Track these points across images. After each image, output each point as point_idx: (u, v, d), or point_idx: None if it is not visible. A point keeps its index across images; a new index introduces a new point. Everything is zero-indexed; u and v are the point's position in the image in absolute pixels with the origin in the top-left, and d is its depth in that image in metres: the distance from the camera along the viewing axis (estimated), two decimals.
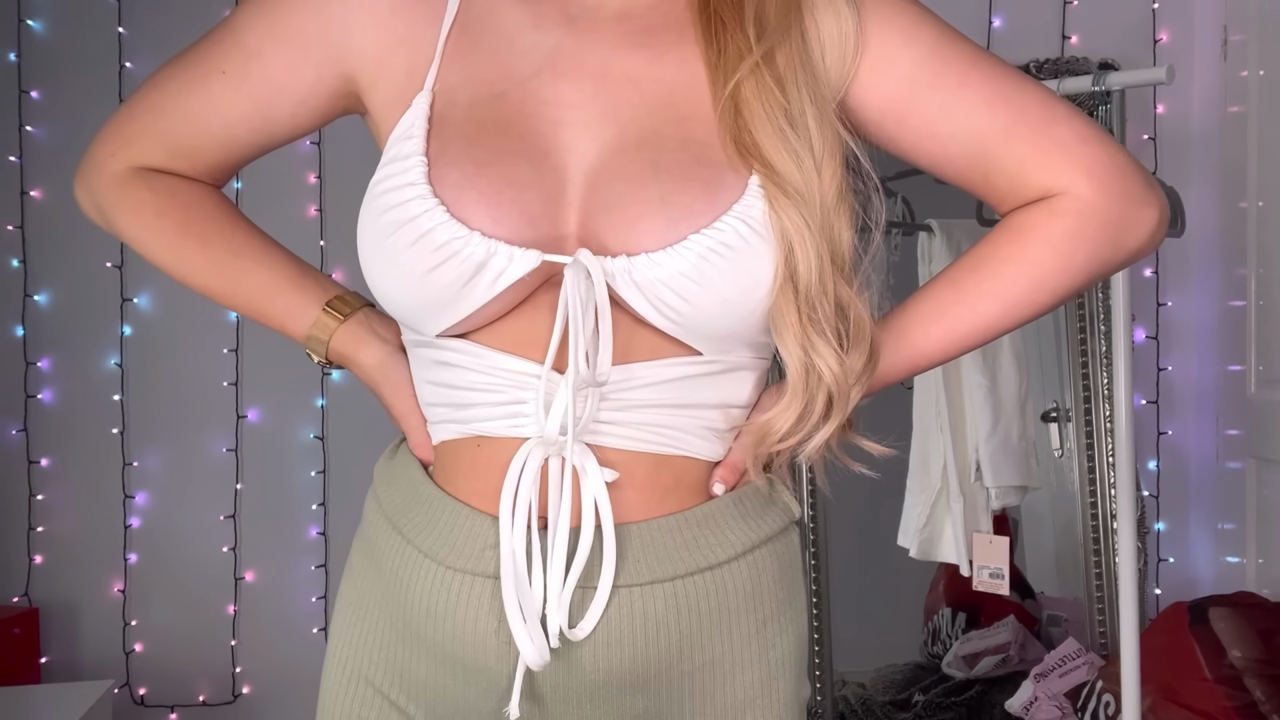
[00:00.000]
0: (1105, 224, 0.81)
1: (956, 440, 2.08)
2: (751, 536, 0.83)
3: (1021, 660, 2.60)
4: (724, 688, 0.82)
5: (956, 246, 2.08)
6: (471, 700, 0.80)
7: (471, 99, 0.80)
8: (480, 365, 0.78)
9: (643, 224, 0.76)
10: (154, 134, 0.88)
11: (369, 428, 2.62)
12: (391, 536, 0.83)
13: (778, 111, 0.76)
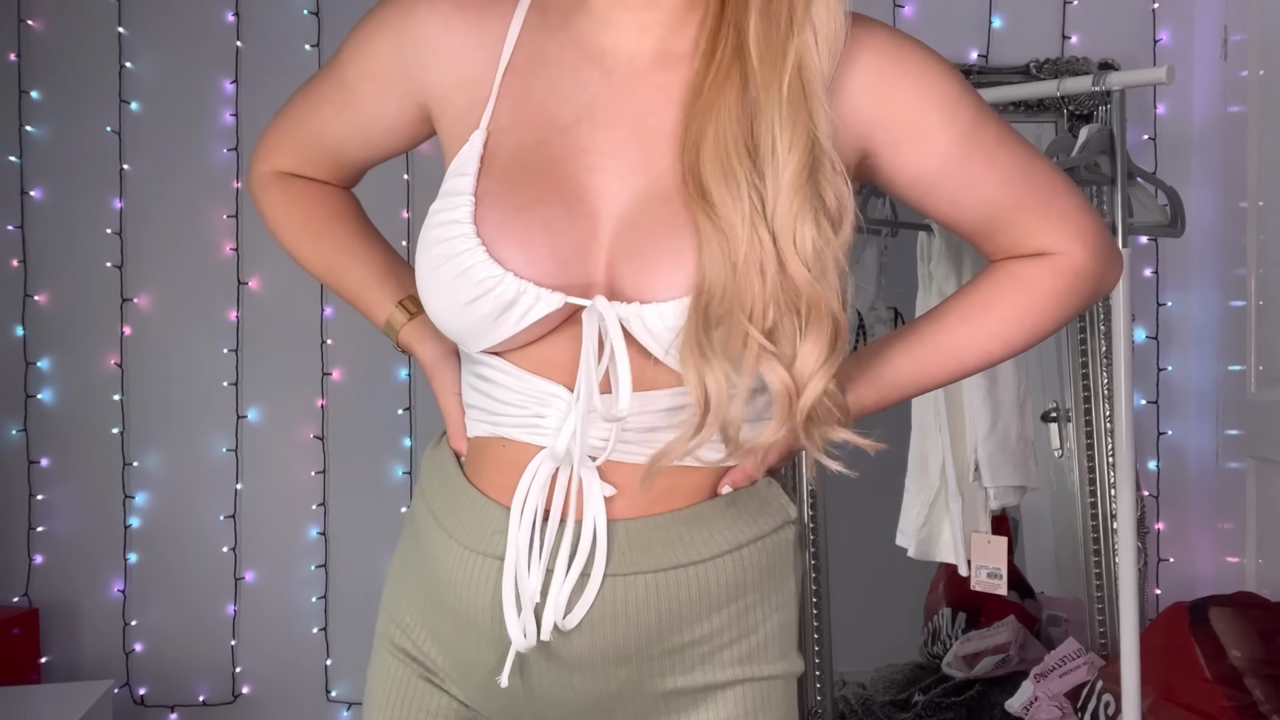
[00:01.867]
0: (1092, 279, 0.95)
1: (955, 440, 2.08)
2: (740, 536, 0.92)
3: (1021, 660, 2.60)
4: (705, 665, 0.92)
5: (956, 247, 2.08)
6: (482, 658, 0.92)
7: (518, 142, 0.90)
8: (510, 382, 0.90)
9: (658, 275, 0.85)
10: (287, 147, 1.06)
11: (369, 428, 2.62)
12: (429, 518, 0.96)
13: (730, 133, 0.84)
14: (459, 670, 0.96)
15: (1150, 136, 2.67)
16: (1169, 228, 1.96)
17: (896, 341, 0.97)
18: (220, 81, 2.58)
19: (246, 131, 2.57)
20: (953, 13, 2.65)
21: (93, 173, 2.57)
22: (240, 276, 2.58)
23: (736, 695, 0.92)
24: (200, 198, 2.58)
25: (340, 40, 1.00)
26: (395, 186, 2.59)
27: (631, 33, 0.90)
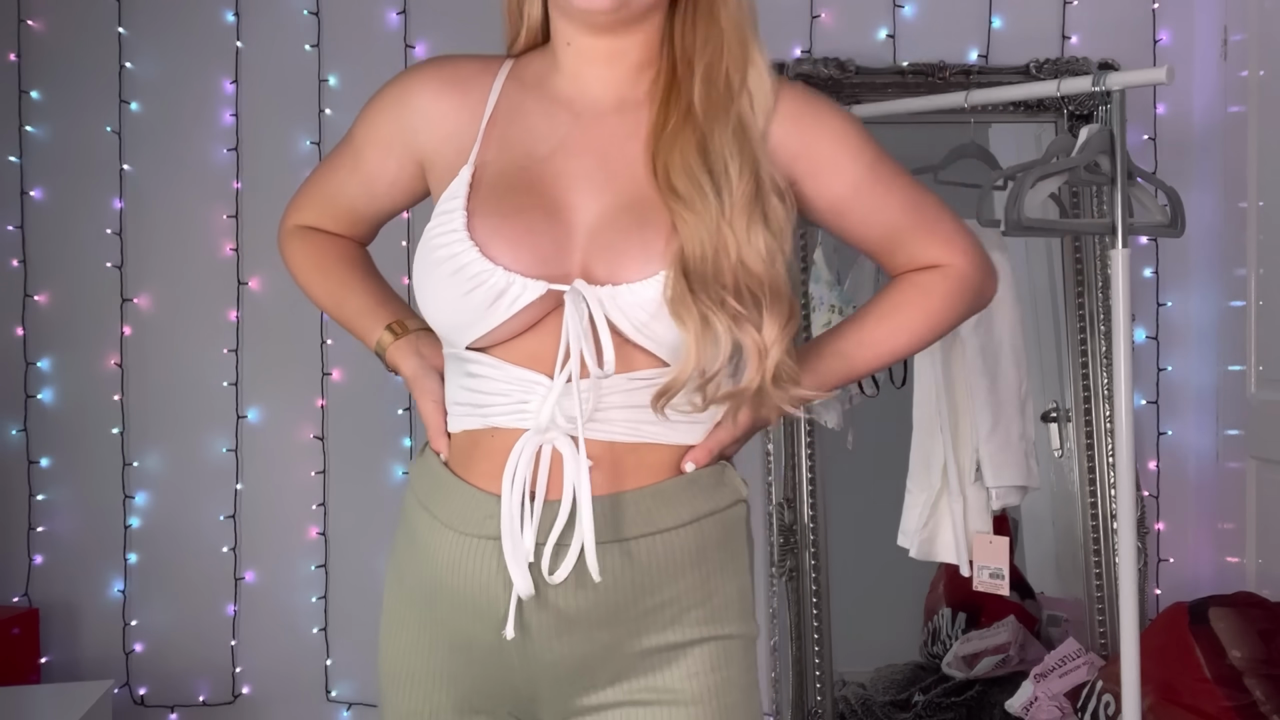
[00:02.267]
0: (974, 286, 1.18)
1: (956, 440, 2.08)
2: (700, 509, 1.07)
3: (1021, 660, 2.60)
4: (674, 626, 1.05)
5: None
6: (479, 633, 1.05)
7: (501, 169, 1.08)
8: (498, 374, 1.04)
9: (627, 262, 1.02)
10: (309, 206, 1.30)
11: (369, 428, 2.62)
12: (422, 514, 1.12)
13: (692, 156, 1.04)
14: (456, 652, 1.08)
15: (1150, 136, 2.67)
16: (1169, 228, 1.96)
17: (828, 339, 1.18)
18: (220, 81, 2.58)
19: (246, 131, 2.57)
20: (953, 13, 2.65)
21: (93, 173, 2.57)
22: (240, 276, 2.58)
23: (702, 652, 1.06)
24: (200, 198, 2.58)
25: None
26: None
27: (596, 85, 1.11)
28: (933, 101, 2.16)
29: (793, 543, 2.55)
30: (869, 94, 2.58)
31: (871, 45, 2.63)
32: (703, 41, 1.11)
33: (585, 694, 1.06)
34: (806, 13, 2.63)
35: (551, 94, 1.12)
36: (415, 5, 2.59)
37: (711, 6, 1.12)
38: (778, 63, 2.57)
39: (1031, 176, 1.84)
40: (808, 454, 2.55)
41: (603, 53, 1.10)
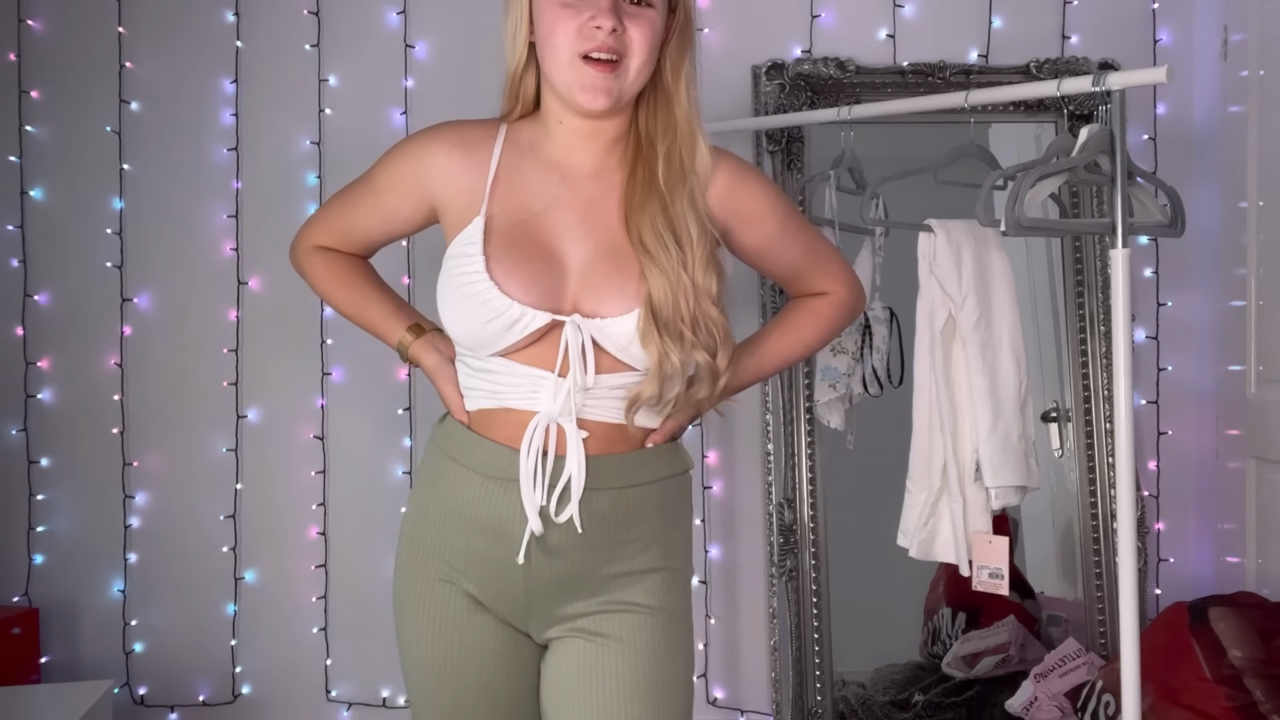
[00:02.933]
0: (849, 308, 1.62)
1: (957, 440, 2.07)
2: (662, 473, 1.45)
3: (1021, 660, 2.60)
4: (638, 557, 1.42)
5: (956, 245, 2.08)
6: (493, 552, 1.40)
7: (507, 222, 1.41)
8: (511, 372, 1.40)
9: (608, 301, 1.38)
10: (326, 232, 1.60)
11: (369, 428, 2.62)
12: (449, 463, 1.45)
13: (659, 222, 1.39)
14: (472, 566, 1.42)
15: (1150, 136, 2.67)
16: (1169, 228, 1.95)
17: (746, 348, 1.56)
18: (220, 81, 2.58)
19: (246, 131, 2.57)
20: (953, 13, 2.65)
21: (93, 173, 2.57)
22: (240, 276, 2.58)
23: (657, 578, 1.44)
24: (200, 198, 2.58)
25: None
26: None
27: (580, 155, 1.45)
28: (933, 101, 2.16)
29: (793, 543, 2.55)
30: (869, 94, 2.58)
31: (871, 45, 2.63)
32: (663, 128, 1.43)
33: (567, 604, 1.41)
34: (806, 13, 2.63)
35: (544, 159, 1.45)
36: (415, 5, 2.59)
37: (670, 102, 1.44)
38: (778, 62, 2.58)
39: (1031, 176, 1.84)
40: (808, 454, 2.55)
41: (588, 131, 1.43)
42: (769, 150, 2.59)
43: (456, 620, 1.43)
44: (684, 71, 1.44)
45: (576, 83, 1.36)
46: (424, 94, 2.59)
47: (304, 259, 1.62)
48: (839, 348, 2.32)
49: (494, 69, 2.60)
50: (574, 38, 1.34)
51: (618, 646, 1.39)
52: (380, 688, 2.62)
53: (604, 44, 1.33)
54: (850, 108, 2.22)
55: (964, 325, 2.05)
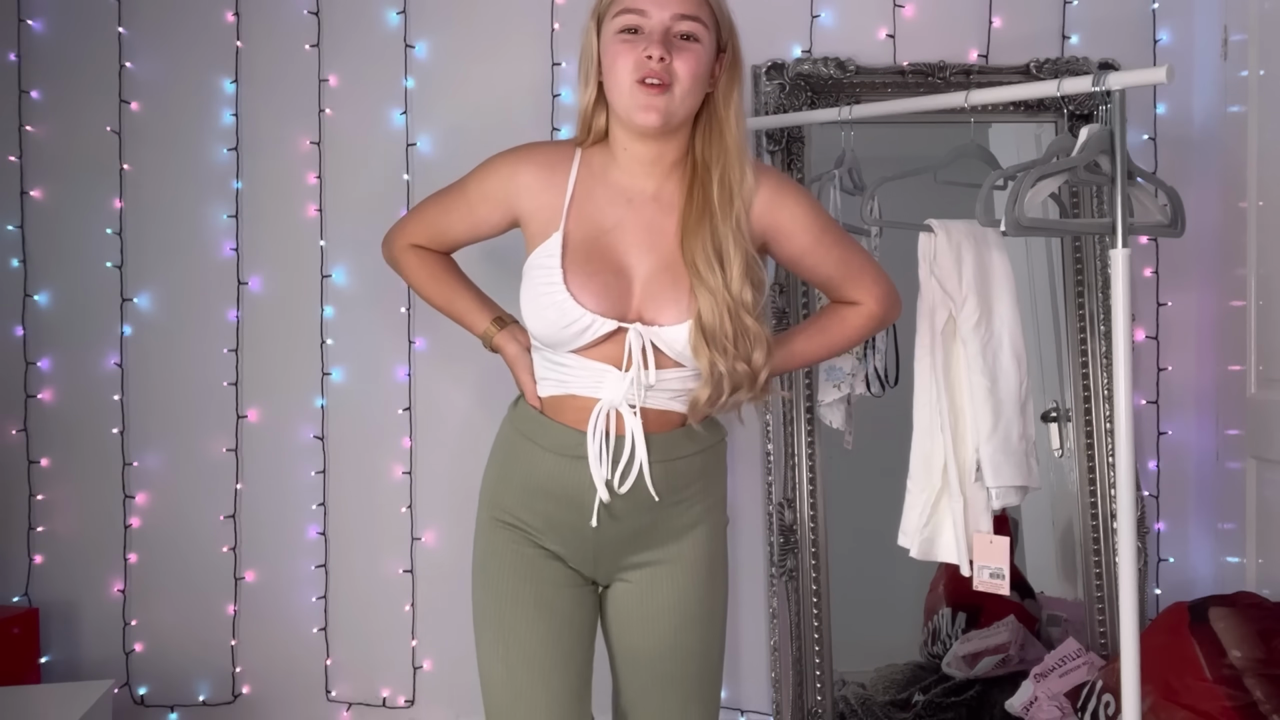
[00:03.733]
0: (879, 318, 1.84)
1: (956, 440, 2.07)
2: (704, 444, 1.73)
3: (1021, 660, 2.60)
4: (687, 512, 1.73)
5: (956, 245, 2.08)
6: (566, 517, 1.69)
7: (581, 239, 1.67)
8: (580, 366, 1.67)
9: (665, 311, 1.65)
10: (421, 232, 1.89)
11: (369, 428, 2.62)
12: (524, 442, 1.73)
13: (709, 245, 1.64)
14: (550, 529, 1.71)
15: (1150, 136, 2.67)
16: (1169, 228, 1.96)
17: (783, 341, 1.80)
18: (220, 81, 2.58)
19: (246, 131, 2.57)
20: (953, 13, 2.65)
21: (93, 173, 2.57)
22: (240, 276, 2.58)
23: (701, 530, 1.75)
24: (200, 198, 2.58)
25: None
26: (396, 187, 2.59)
27: (643, 179, 1.70)
28: (933, 101, 2.16)
29: (793, 543, 2.55)
30: (869, 94, 2.58)
31: (871, 45, 2.63)
32: (716, 154, 1.67)
33: (629, 555, 1.72)
34: (806, 13, 2.63)
35: (612, 183, 1.70)
36: (415, 5, 2.59)
37: (723, 130, 1.67)
38: (778, 63, 2.57)
39: (1031, 176, 1.84)
40: (808, 454, 2.55)
41: (649, 157, 1.68)
42: (769, 150, 2.59)
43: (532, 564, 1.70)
44: (734, 102, 1.67)
45: (634, 104, 1.61)
46: (424, 94, 2.59)
47: (400, 255, 1.90)
48: None
49: (494, 69, 2.61)
50: (631, 67, 1.60)
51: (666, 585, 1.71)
52: (380, 688, 2.62)
53: (653, 70, 1.59)
54: (851, 108, 2.23)
55: (964, 325, 2.05)
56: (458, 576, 2.55)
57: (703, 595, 1.74)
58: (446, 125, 2.60)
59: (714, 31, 1.65)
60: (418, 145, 2.60)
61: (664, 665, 1.74)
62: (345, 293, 2.60)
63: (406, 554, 2.61)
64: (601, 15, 1.66)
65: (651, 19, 1.60)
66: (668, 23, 1.60)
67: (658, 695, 1.75)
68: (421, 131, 2.60)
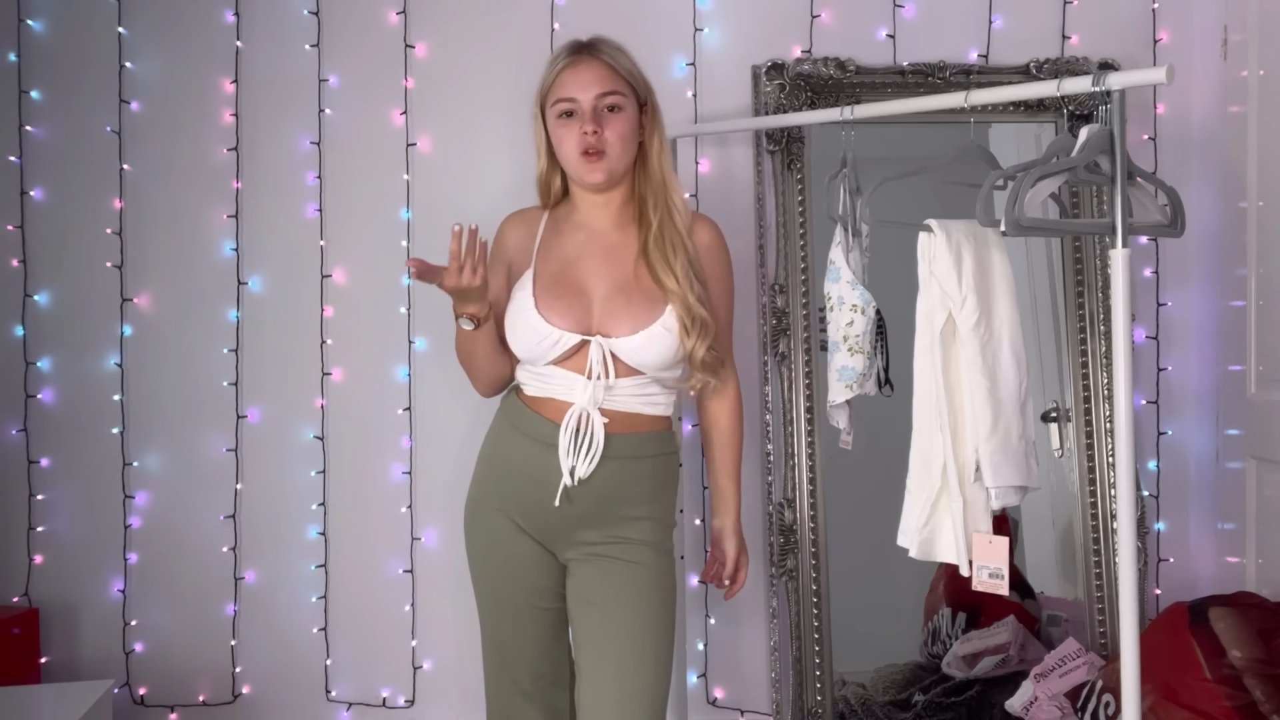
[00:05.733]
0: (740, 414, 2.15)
1: (956, 440, 2.07)
2: (658, 450, 1.99)
3: (1021, 660, 2.60)
4: (637, 507, 1.96)
5: (956, 246, 2.08)
6: (536, 496, 1.93)
7: (549, 270, 1.97)
8: (555, 375, 1.94)
9: (621, 326, 1.92)
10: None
11: (369, 428, 2.62)
12: (510, 429, 1.99)
13: (668, 266, 1.95)
14: (519, 505, 1.96)
15: (1150, 136, 2.67)
16: (1169, 228, 1.95)
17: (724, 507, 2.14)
18: (220, 81, 2.58)
19: (246, 131, 2.57)
20: (953, 13, 2.65)
21: (93, 173, 2.57)
22: (240, 276, 2.58)
23: (650, 523, 1.97)
24: (200, 198, 2.58)
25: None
26: (396, 187, 2.59)
27: (598, 218, 2.01)
28: (933, 101, 2.16)
29: (793, 543, 2.55)
30: (869, 94, 2.58)
31: (871, 45, 2.63)
32: (651, 187, 2.00)
33: (584, 533, 1.94)
34: (806, 13, 2.63)
35: (574, 225, 2.02)
36: (415, 5, 2.59)
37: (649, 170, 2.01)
38: (778, 63, 2.58)
39: (1031, 176, 1.84)
40: (808, 454, 2.55)
41: (601, 202, 2.01)
42: (769, 150, 2.58)
43: (507, 539, 1.97)
44: (656, 144, 2.00)
45: (581, 170, 1.96)
46: (424, 94, 2.59)
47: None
48: (857, 347, 2.31)
49: (493, 69, 2.61)
50: (574, 144, 1.94)
51: (619, 565, 1.94)
52: (380, 688, 2.62)
53: (590, 143, 1.93)
54: (851, 108, 2.22)
55: (964, 325, 2.05)
56: (458, 576, 2.55)
57: (648, 575, 1.95)
58: (446, 125, 2.60)
59: (633, 95, 1.98)
60: (417, 145, 2.60)
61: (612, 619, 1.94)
62: (345, 293, 2.60)
63: (406, 554, 2.61)
64: (544, 105, 1.98)
65: (581, 102, 1.93)
66: (594, 102, 1.93)
67: (610, 652, 1.92)
68: (421, 131, 2.60)
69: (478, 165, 2.60)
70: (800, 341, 2.56)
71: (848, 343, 2.27)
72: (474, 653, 2.11)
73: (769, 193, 2.61)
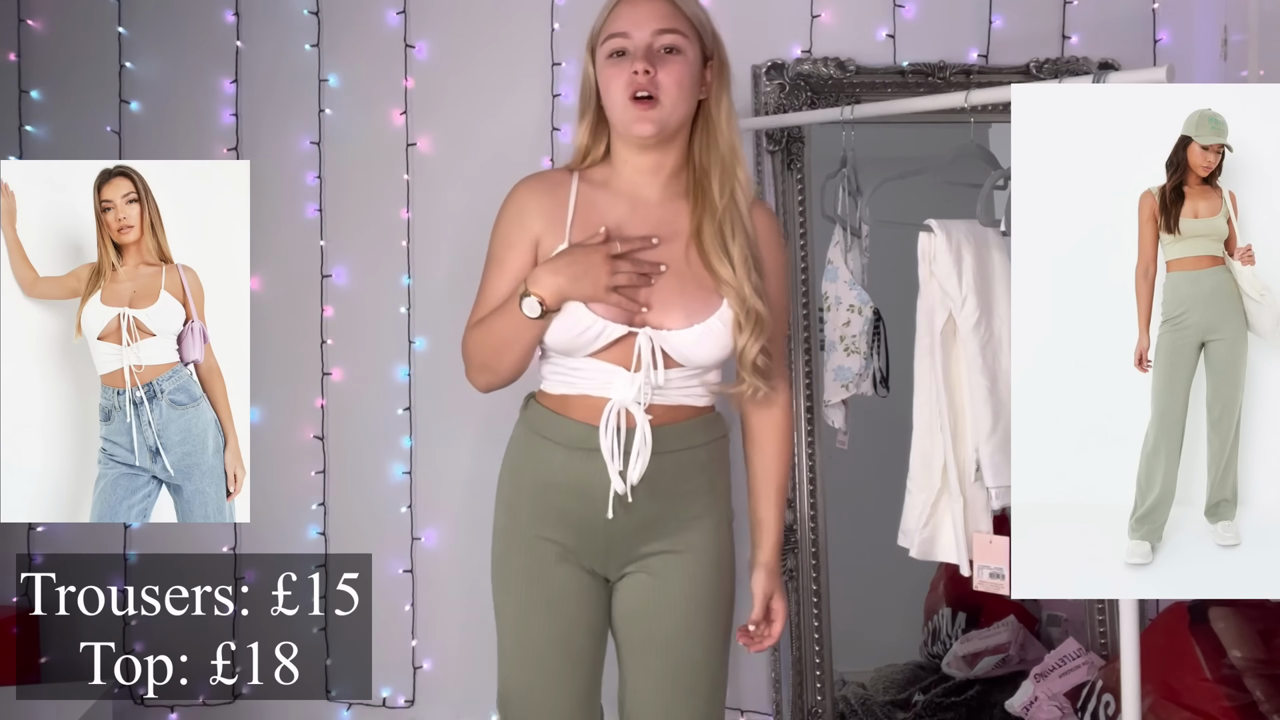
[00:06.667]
0: (790, 434, 1.94)
1: (957, 440, 2.07)
2: (709, 437, 1.80)
3: (1021, 660, 2.60)
4: (692, 504, 1.78)
5: (956, 246, 2.08)
6: (579, 510, 1.74)
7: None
8: (592, 368, 1.73)
9: (672, 315, 1.72)
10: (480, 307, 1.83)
11: (369, 428, 2.62)
12: (537, 439, 1.78)
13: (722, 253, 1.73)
14: (563, 523, 1.75)
15: None
16: None
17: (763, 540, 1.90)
18: (220, 81, 2.58)
19: (246, 131, 2.57)
20: (953, 13, 2.65)
21: None
22: None
23: (709, 521, 1.80)
24: None
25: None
26: (396, 187, 2.59)
27: (645, 187, 1.77)
28: (933, 101, 2.16)
29: (793, 543, 2.55)
30: (869, 94, 2.58)
31: (871, 45, 2.63)
32: (713, 157, 1.75)
33: (640, 546, 1.75)
34: (806, 13, 2.63)
35: (614, 192, 1.77)
36: (415, 5, 2.59)
37: (716, 135, 1.75)
38: (778, 62, 2.57)
39: None
40: (808, 454, 2.55)
41: (649, 166, 1.75)
42: (769, 150, 2.59)
43: (547, 569, 1.76)
44: (724, 106, 1.76)
45: (629, 118, 1.70)
46: (424, 94, 2.59)
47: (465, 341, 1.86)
48: (853, 347, 2.31)
49: (494, 69, 2.61)
50: (623, 85, 1.69)
51: (676, 574, 1.76)
52: (380, 688, 2.62)
53: (640, 84, 1.68)
54: (851, 108, 2.23)
55: (964, 325, 2.05)
56: (458, 576, 2.54)
57: (712, 583, 1.79)
58: (446, 125, 2.60)
59: (697, 41, 1.73)
60: (418, 145, 2.60)
61: (674, 653, 1.77)
62: (345, 293, 2.60)
63: (406, 554, 2.61)
64: (595, 46, 1.75)
65: (634, 39, 1.69)
66: (649, 39, 1.69)
67: (666, 685, 1.77)
68: (421, 131, 2.60)
69: (478, 165, 2.60)
70: (800, 341, 2.57)
71: (844, 342, 2.28)
72: (474, 653, 2.11)
73: (768, 193, 2.61)
